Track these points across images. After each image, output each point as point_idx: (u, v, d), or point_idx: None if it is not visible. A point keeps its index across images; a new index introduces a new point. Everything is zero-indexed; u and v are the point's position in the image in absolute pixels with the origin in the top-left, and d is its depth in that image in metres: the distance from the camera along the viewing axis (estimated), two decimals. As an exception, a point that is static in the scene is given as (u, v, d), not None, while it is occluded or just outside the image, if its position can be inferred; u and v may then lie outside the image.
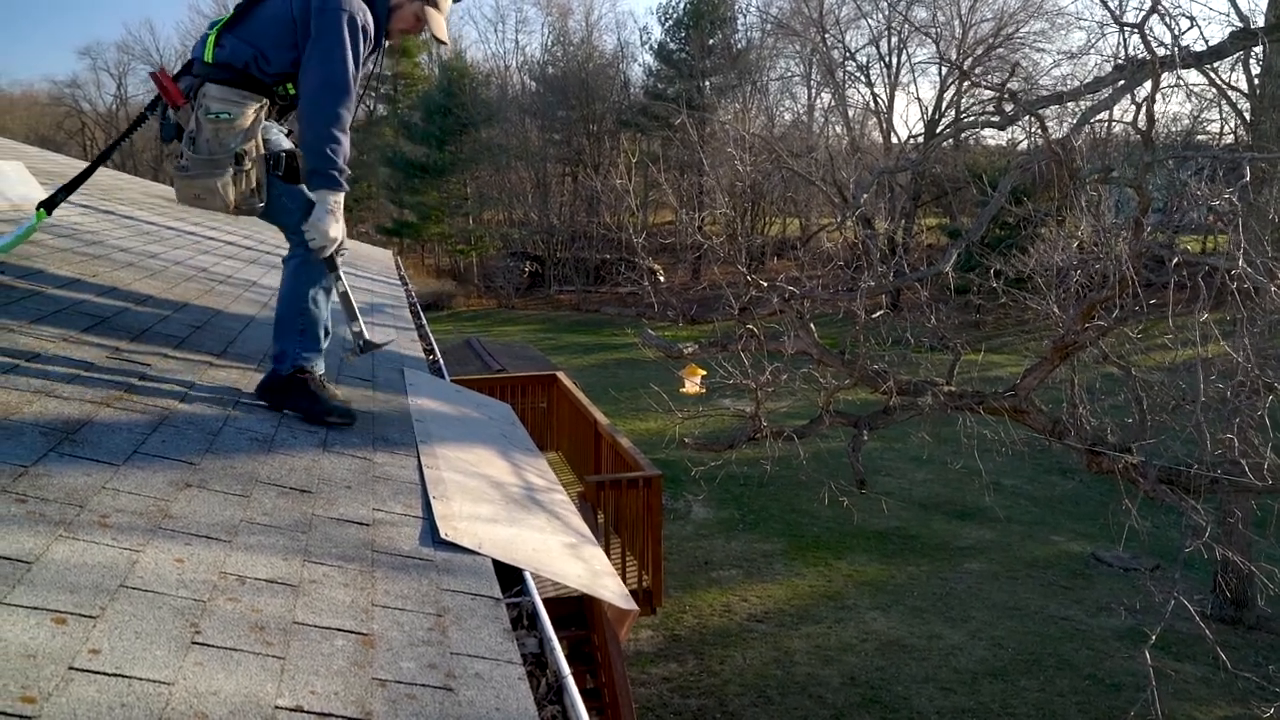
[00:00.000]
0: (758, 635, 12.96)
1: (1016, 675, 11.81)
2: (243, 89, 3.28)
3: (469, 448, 3.74)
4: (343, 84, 3.21)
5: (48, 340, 3.42)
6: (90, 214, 7.38)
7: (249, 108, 3.28)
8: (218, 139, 3.25)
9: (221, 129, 3.24)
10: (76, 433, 2.61)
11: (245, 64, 3.30)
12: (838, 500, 10.14)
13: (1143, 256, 7.17)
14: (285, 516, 2.52)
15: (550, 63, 59.19)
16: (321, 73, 3.21)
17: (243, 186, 3.29)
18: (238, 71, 3.30)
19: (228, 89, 3.26)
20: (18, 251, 4.94)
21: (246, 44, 3.30)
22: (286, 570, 2.19)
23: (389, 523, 2.69)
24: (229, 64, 3.30)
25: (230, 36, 3.34)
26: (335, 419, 3.45)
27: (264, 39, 3.29)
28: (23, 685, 1.46)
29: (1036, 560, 15.76)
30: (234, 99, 3.26)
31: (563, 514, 3.45)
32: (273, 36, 3.29)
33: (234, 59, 3.31)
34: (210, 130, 3.24)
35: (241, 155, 3.26)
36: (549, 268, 51.24)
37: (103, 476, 2.39)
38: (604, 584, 2.89)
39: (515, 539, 2.84)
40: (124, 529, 2.13)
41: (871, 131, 49.45)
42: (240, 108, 3.26)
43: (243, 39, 3.31)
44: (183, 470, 2.61)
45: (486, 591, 2.40)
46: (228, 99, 3.25)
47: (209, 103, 3.25)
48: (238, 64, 3.30)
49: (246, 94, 3.29)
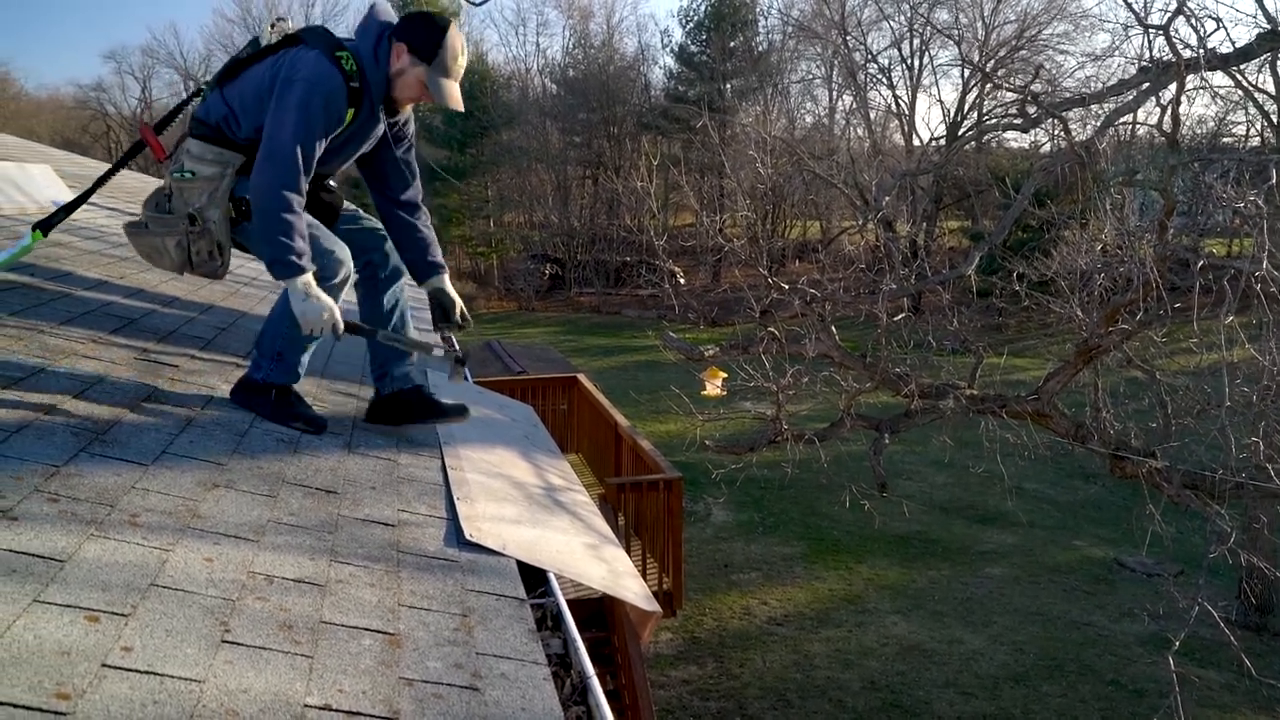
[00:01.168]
0: (777, 638, 12.93)
1: (1038, 681, 11.73)
2: (221, 147, 3.22)
3: (492, 449, 3.76)
4: (285, 157, 3.04)
5: (77, 341, 3.46)
6: (117, 216, 7.43)
7: (219, 167, 3.20)
8: (181, 196, 3.19)
9: (185, 187, 3.18)
10: (106, 433, 2.65)
11: (217, 123, 3.24)
12: (858, 504, 10.10)
13: (1168, 260, 7.13)
14: (311, 517, 2.54)
15: (571, 65, 59.18)
16: (266, 146, 3.07)
17: (199, 248, 3.20)
18: (212, 128, 3.25)
19: (205, 145, 3.21)
20: (46, 253, 4.99)
21: (223, 103, 3.24)
22: (314, 570, 2.21)
23: (414, 523, 2.71)
24: (204, 120, 3.26)
25: (216, 92, 3.29)
26: (300, 425, 3.34)
27: (239, 100, 3.22)
28: (57, 682, 1.48)
29: (1059, 565, 15.66)
30: (207, 157, 3.19)
31: (585, 515, 3.46)
32: (248, 100, 3.20)
33: (208, 116, 3.26)
34: (174, 187, 3.20)
35: (195, 217, 3.18)
36: (569, 270, 51.20)
37: (132, 476, 2.42)
38: (626, 585, 2.90)
39: (539, 540, 2.85)
40: (154, 528, 2.16)
41: (893, 134, 49.32)
42: (209, 166, 3.19)
43: (225, 97, 3.25)
44: (210, 470, 2.64)
45: (511, 592, 2.41)
46: (201, 156, 3.19)
47: (183, 159, 3.21)
48: (210, 121, 3.25)
49: (224, 152, 3.21)
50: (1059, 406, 8.96)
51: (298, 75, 3.08)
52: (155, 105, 68.45)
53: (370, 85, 3.24)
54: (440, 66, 3.26)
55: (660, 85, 57.07)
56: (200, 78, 62.69)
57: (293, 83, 3.07)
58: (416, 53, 3.24)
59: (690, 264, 41.71)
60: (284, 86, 3.08)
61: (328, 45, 3.20)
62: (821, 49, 49.73)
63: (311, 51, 3.16)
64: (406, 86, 3.30)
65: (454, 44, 3.28)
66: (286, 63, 3.14)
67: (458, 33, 3.31)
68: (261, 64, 3.23)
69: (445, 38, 3.25)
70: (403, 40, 3.24)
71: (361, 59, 3.22)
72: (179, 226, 3.17)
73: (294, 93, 3.06)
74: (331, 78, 3.12)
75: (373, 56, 3.24)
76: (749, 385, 8.84)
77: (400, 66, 3.26)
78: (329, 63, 3.13)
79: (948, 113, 44.72)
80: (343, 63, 3.16)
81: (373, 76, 3.24)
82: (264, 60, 3.24)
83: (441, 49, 3.24)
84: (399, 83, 3.29)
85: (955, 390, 8.73)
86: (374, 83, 3.25)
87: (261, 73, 3.19)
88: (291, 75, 3.09)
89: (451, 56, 3.28)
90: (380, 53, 3.25)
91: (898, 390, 8.74)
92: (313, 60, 3.13)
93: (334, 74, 3.13)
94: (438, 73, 3.26)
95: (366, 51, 3.24)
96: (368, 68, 3.23)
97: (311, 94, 3.07)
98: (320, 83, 3.09)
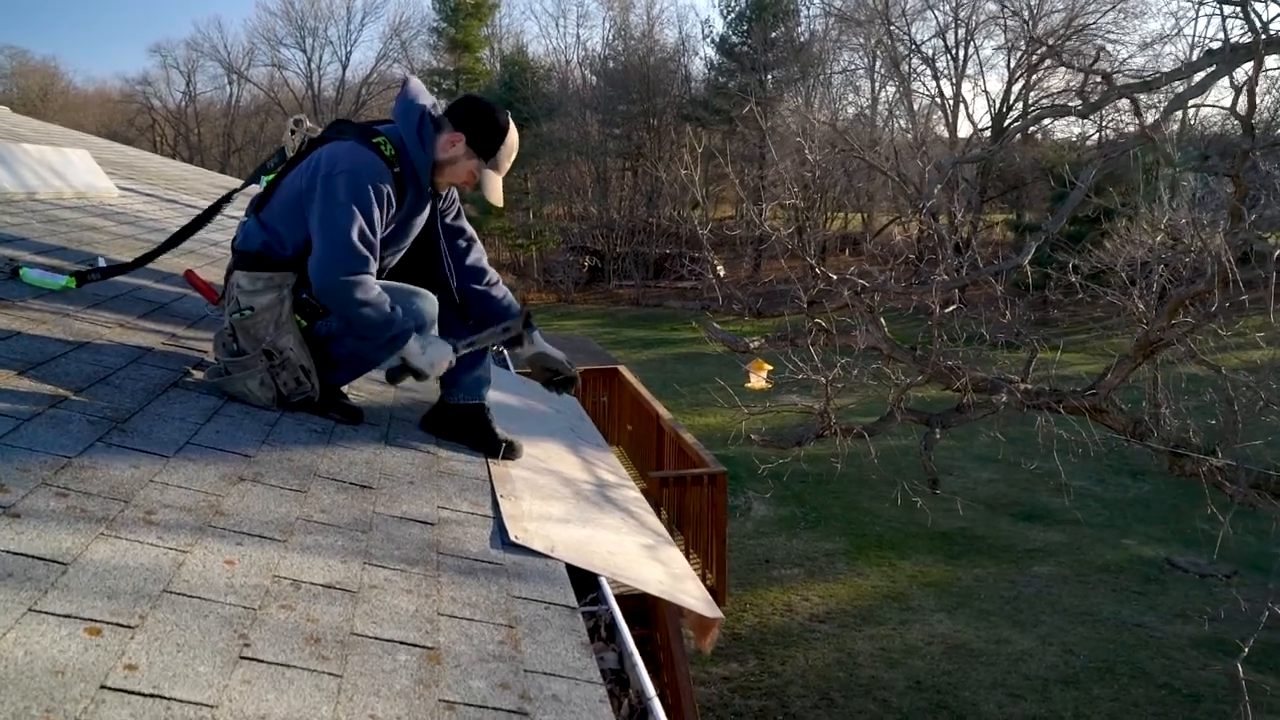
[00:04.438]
0: (820, 636, 12.71)
1: (1089, 683, 11.44)
2: (271, 271, 3.01)
3: (536, 442, 3.56)
4: (344, 244, 2.86)
5: (103, 325, 3.29)
6: (154, 202, 7.33)
7: (274, 293, 2.98)
8: (248, 335, 2.97)
9: (249, 325, 2.97)
10: (126, 422, 2.46)
11: (258, 250, 3.04)
12: (907, 499, 9.88)
13: (1239, 249, 6.83)
14: (344, 514, 2.34)
15: (611, 57, 59.13)
16: (323, 241, 2.88)
17: (285, 380, 3.00)
18: (255, 256, 3.04)
19: (254, 275, 3.00)
20: (78, 236, 4.90)
21: (261, 228, 3.06)
22: (345, 574, 2.01)
23: (455, 522, 2.51)
24: (245, 250, 3.07)
25: (252, 219, 3.10)
26: (335, 415, 3.14)
27: (280, 215, 3.03)
28: (46, 708, 1.28)
29: (1108, 564, 15.33)
30: (258, 286, 2.98)
31: (637, 512, 3.24)
32: (288, 211, 3.00)
33: (248, 244, 3.07)
34: (237, 328, 2.98)
35: (271, 352, 2.97)
36: (608, 262, 51.17)
37: (151, 469, 2.22)
38: (686, 589, 2.68)
39: (589, 540, 2.64)
40: (171, 526, 1.96)
41: (936, 125, 48.79)
42: (264, 295, 2.97)
43: (263, 221, 3.06)
44: (236, 463, 2.44)
45: (561, 600, 2.19)
46: (253, 289, 2.98)
47: (236, 295, 3.00)
48: (252, 249, 3.06)
49: (274, 276, 3.00)
50: (1116, 402, 8.68)
51: (338, 168, 2.89)
52: (199, 99, 69.12)
53: (415, 169, 3.06)
54: (495, 163, 3.13)
55: (700, 76, 56.90)
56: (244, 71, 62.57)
57: (334, 176, 2.88)
58: (475, 146, 3.09)
59: (730, 256, 41.39)
60: (326, 184, 2.89)
61: (361, 133, 3.02)
62: (864, 39, 49.28)
63: (346, 142, 2.98)
64: (455, 174, 3.15)
65: (512, 143, 3.15)
66: (323, 160, 2.94)
67: (514, 130, 3.17)
68: (293, 172, 3.03)
69: (506, 138, 3.12)
70: (461, 130, 3.08)
71: (404, 143, 3.04)
72: (258, 365, 2.97)
73: (340, 185, 2.88)
74: (375, 163, 2.94)
75: (416, 140, 3.05)
76: (797, 378, 8.60)
77: (453, 155, 3.10)
78: (368, 149, 2.95)
79: (993, 103, 44.16)
80: (382, 148, 2.98)
81: (417, 159, 3.06)
82: (295, 168, 3.04)
83: (501, 148, 3.12)
84: (448, 170, 3.13)
85: (1009, 384, 8.46)
86: (419, 167, 3.07)
87: (296, 180, 2.99)
88: (332, 170, 2.90)
89: (507, 155, 3.15)
90: (425, 135, 3.06)
91: (949, 384, 8.49)
92: (351, 150, 2.94)
93: (376, 160, 2.94)
94: (491, 168, 3.12)
95: (410, 135, 3.05)
96: (411, 151, 3.05)
97: (358, 182, 2.89)
98: (365, 169, 2.91)
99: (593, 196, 53.53)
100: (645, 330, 39.21)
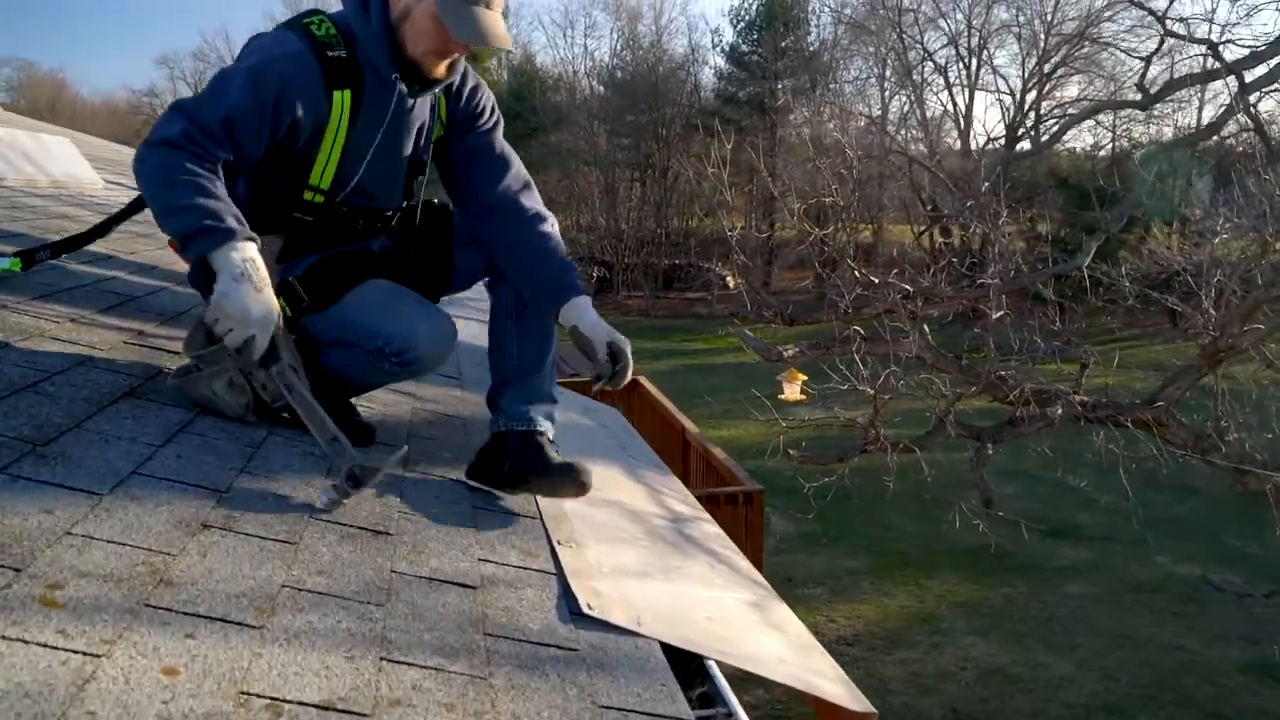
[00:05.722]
0: (848, 659, 12.04)
1: (1134, 711, 10.79)
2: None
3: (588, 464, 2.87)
4: (175, 108, 2.13)
5: (49, 320, 2.61)
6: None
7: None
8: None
9: None
10: (49, 444, 1.76)
11: None
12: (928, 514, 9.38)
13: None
14: (350, 577, 1.63)
15: (619, 67, 58.82)
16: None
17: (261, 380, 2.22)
18: None
19: None
20: (44, 224, 4.31)
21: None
22: (353, 681, 1.30)
23: (504, 582, 1.80)
24: None
25: None
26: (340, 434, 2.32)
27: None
28: None
29: (1142, 583, 14.68)
30: None
31: (723, 554, 2.52)
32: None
33: None
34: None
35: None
36: (617, 273, 50.78)
37: (72, 514, 1.52)
38: (818, 669, 1.96)
39: (679, 603, 1.95)
40: (84, 610, 1.25)
41: (949, 134, 48.27)
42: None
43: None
44: (200, 502, 1.74)
45: (667, 708, 1.48)
46: None
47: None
48: None
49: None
50: (1176, 415, 8.09)
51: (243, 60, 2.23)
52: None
53: (368, 49, 2.27)
54: None
55: (710, 85, 56.60)
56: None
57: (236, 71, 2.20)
58: None
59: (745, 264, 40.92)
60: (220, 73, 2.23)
61: (291, 20, 2.30)
62: (875, 48, 48.85)
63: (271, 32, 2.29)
64: (419, 35, 2.24)
65: None
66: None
67: None
68: None
69: None
70: None
71: (347, 20, 2.28)
72: (225, 360, 2.16)
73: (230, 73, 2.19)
74: (287, 54, 2.19)
75: (360, 8, 2.27)
76: (840, 389, 7.95)
77: (401, 7, 2.25)
78: (291, 33, 2.23)
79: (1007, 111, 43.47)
80: (312, 29, 2.22)
81: (364, 35, 2.26)
82: None
83: None
84: (407, 34, 2.26)
85: (1064, 396, 7.85)
86: (372, 46, 2.26)
87: None
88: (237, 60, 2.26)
89: None
90: (370, 2, 2.27)
91: (1000, 396, 7.88)
92: (269, 38, 2.26)
93: (291, 49, 2.20)
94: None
95: (352, 6, 2.29)
96: (356, 25, 2.27)
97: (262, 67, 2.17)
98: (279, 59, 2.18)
99: (601, 207, 53.33)
100: (655, 341, 38.65)
